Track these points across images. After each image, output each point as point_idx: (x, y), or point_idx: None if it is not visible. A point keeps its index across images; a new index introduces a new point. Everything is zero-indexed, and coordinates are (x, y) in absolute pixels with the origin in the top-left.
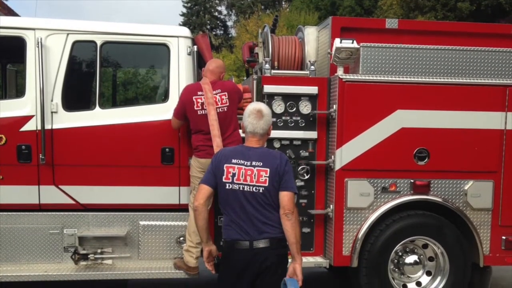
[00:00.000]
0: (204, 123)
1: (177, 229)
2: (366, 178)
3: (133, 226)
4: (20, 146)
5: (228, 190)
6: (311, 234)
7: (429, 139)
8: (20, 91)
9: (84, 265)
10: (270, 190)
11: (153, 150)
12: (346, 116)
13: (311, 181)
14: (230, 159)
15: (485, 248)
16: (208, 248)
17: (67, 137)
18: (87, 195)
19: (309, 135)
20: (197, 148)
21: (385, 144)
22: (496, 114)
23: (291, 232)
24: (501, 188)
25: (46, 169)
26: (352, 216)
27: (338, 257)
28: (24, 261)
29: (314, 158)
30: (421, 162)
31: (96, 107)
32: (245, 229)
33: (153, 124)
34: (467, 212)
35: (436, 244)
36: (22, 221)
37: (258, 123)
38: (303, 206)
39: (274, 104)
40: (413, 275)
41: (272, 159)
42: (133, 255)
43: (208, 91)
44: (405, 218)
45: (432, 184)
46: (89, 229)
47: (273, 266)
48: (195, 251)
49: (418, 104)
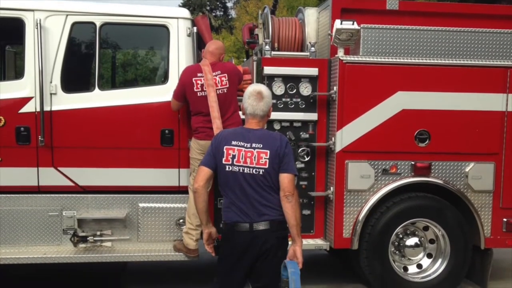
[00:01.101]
0: (203, 105)
1: (176, 211)
2: (367, 160)
3: (132, 208)
4: (19, 128)
5: (228, 172)
6: (312, 216)
7: (430, 121)
8: (19, 72)
9: (83, 248)
10: (270, 172)
11: (152, 132)
12: (347, 98)
13: (312, 163)
14: (230, 141)
15: (486, 230)
16: (208, 230)
17: (66, 119)
18: (86, 177)
19: (310, 116)
20: (197, 130)
21: (385, 126)
22: (497, 96)
23: (291, 214)
24: (502, 170)
25: (45, 151)
26: (353, 198)
27: (338, 239)
28: (23, 244)
29: (315, 140)
30: (422, 144)
31: (95, 89)
32: (245, 211)
33: (153, 105)
34: (468, 194)
35: (437, 226)
36: (21, 203)
37: (258, 105)
38: (303, 188)
39: (274, 86)
40: (414, 258)
41: (272, 141)
42: (133, 238)
43: (208, 72)
44: (405, 200)
45: (433, 166)
46: (88, 211)
47: (273, 248)
48: (195, 233)
49: (419, 86)
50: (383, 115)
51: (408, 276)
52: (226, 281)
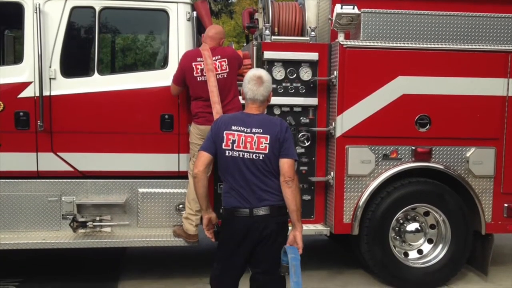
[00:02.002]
0: (203, 90)
1: (176, 197)
2: (367, 145)
3: (132, 194)
4: (18, 112)
5: (228, 157)
6: (312, 201)
7: (430, 105)
8: (18, 57)
9: (83, 233)
10: (270, 157)
11: (152, 116)
12: (347, 83)
13: (312, 148)
14: (230, 126)
15: (487, 216)
16: (208, 215)
17: (66, 104)
18: (85, 162)
19: (310, 101)
20: (197, 114)
21: (386, 110)
22: (498, 81)
23: (292, 200)
24: (503, 155)
25: (44, 136)
26: (353, 184)
27: (338, 224)
28: (22, 229)
29: (315, 125)
30: (422, 129)
31: (94, 74)
32: (245, 197)
33: (152, 90)
34: (469, 180)
35: (437, 212)
36: (20, 188)
37: (258, 90)
38: (304, 173)
39: (274, 71)
40: (414, 243)
41: (272, 126)
42: (132, 223)
43: (207, 57)
44: (406, 185)
45: (434, 151)
46: (88, 196)
47: (273, 234)
48: (195, 219)
49: (420, 71)
50: (384, 100)
51: (408, 262)
52: (226, 266)
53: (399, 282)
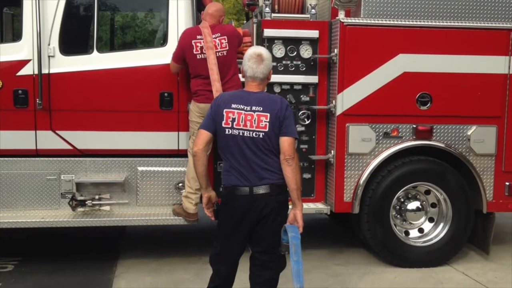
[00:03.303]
0: (203, 68)
1: (176, 175)
2: (368, 123)
3: (131, 172)
4: (17, 90)
5: (228, 135)
6: (312, 180)
7: (431, 83)
8: (16, 35)
9: (82, 212)
10: (270, 135)
11: (151, 94)
12: (348, 61)
13: (312, 126)
14: (229, 104)
15: (488, 194)
16: (208, 194)
17: (64, 82)
18: (84, 141)
19: (310, 79)
20: (196, 92)
21: (387, 88)
22: (499, 59)
23: (292, 178)
24: (504, 133)
25: (43, 114)
26: (354, 162)
27: (339, 203)
28: (21, 208)
29: (315, 103)
30: (423, 107)
31: (93, 51)
32: (245, 175)
33: (152, 68)
34: (470, 158)
35: (438, 190)
36: (19, 166)
37: (258, 68)
38: (304, 151)
39: (275, 48)
40: (415, 222)
41: (272, 104)
42: (131, 202)
43: (207, 35)
44: (407, 163)
45: (435, 129)
46: (87, 175)
47: (273, 212)
48: (194, 197)
49: (421, 48)
50: (384, 78)
51: (409, 241)
52: (226, 245)
53: (400, 261)
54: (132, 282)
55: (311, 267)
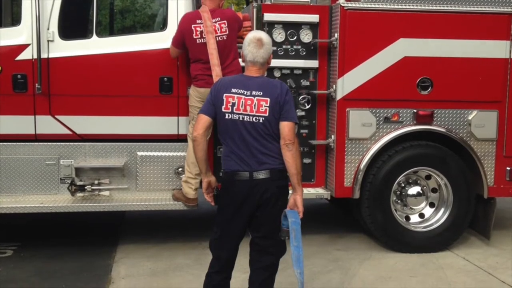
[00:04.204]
0: (203, 52)
1: (175, 160)
2: (368, 108)
3: (130, 157)
4: (16, 75)
5: (228, 120)
6: (312, 165)
7: (432, 68)
8: (15, 19)
9: (81, 197)
10: (271, 120)
11: (151, 79)
12: (348, 45)
13: (312, 111)
14: (229, 88)
15: (489, 179)
16: (207, 179)
17: (64, 66)
18: (84, 125)
19: (310, 64)
20: (196, 77)
21: (387, 73)
22: (500, 43)
23: (292, 163)
24: (505, 118)
25: (42, 99)
26: (354, 147)
27: (339, 188)
28: (20, 193)
29: (315, 87)
30: (424, 91)
31: (93, 36)
32: (245, 160)
33: (151, 53)
34: (471, 143)
35: (439, 175)
36: (18, 151)
37: (258, 52)
38: (304, 136)
39: (275, 33)
40: (416, 207)
41: (273, 88)
42: (131, 187)
43: (207, 19)
44: (408, 148)
45: (436, 114)
46: (86, 160)
47: (274, 197)
48: (194, 182)
49: (421, 33)
50: (385, 63)
51: (410, 226)
52: (226, 230)
53: (401, 246)
54: (131, 267)
55: (311, 252)
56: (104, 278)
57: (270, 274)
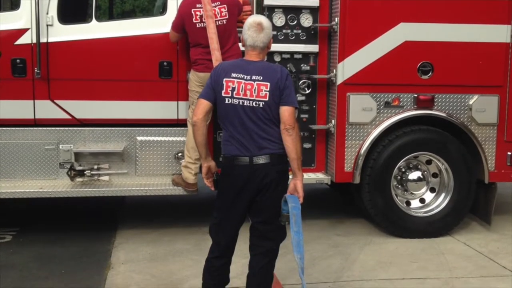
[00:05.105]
0: (203, 37)
1: (175, 145)
2: (369, 92)
3: (130, 142)
4: (15, 59)
5: (228, 105)
6: (312, 149)
7: (433, 52)
8: (14, 3)
9: (80, 182)
10: (271, 104)
11: (150, 64)
12: (348, 29)
13: (312, 96)
14: (229, 73)
15: (490, 164)
16: (207, 164)
17: (63, 51)
18: (83, 110)
19: (310, 48)
20: (196, 61)
21: (388, 57)
22: (501, 27)
23: (292, 148)
24: (506, 103)
25: (41, 84)
26: (354, 132)
27: (340, 173)
28: (19, 178)
29: (316, 72)
30: (424, 76)
31: (92, 20)
32: (245, 145)
33: (151, 37)
34: (471, 128)
35: (440, 160)
36: (17, 136)
37: (258, 36)
38: (304, 121)
39: (275, 17)
40: (416, 192)
41: (273, 73)
42: (131, 171)
43: (207, 3)
44: (408, 133)
45: (436, 98)
46: (85, 144)
47: (274, 182)
48: (194, 167)
49: (422, 17)
50: (386, 47)
51: (410, 211)
52: (226, 215)
53: (401, 232)
54: (131, 252)
55: (311, 238)
56: (103, 263)
57: (270, 259)
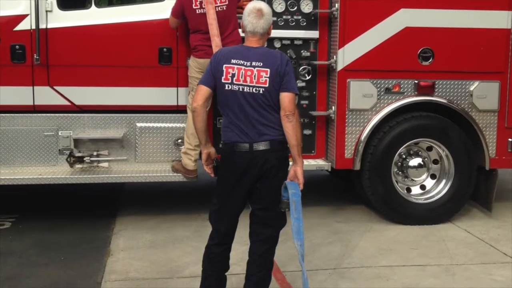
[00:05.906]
0: (202, 22)
1: (175, 131)
2: (369, 78)
3: (130, 128)
4: (14, 46)
5: (228, 91)
6: (313, 136)
7: (433, 38)
8: None
9: (80, 168)
10: (271, 91)
11: (150, 50)
12: (349, 15)
13: (313, 82)
14: (229, 59)
15: (491, 151)
16: (207, 150)
17: (62, 37)
18: (82, 96)
19: (311, 34)
20: (196, 48)
21: (388, 43)
22: (502, 13)
23: (292, 134)
24: (507, 89)
25: (40, 70)
26: (355, 118)
27: (340, 160)
28: (18, 164)
29: (316, 58)
30: (425, 62)
31: (91, 6)
32: (245, 131)
33: (150, 23)
34: (472, 114)
35: (440, 147)
36: (16, 122)
37: (258, 22)
38: (304, 107)
39: (275, 3)
40: (417, 178)
41: (273, 59)
42: (130, 158)
43: None
44: (409, 119)
45: (437, 85)
46: (85, 131)
47: (274, 169)
48: (194, 154)
49: (423, 3)
50: (386, 33)
51: (411, 197)
52: (226, 202)
53: (402, 218)
54: (130, 239)
55: (311, 224)
56: (103, 250)
57: (270, 246)
